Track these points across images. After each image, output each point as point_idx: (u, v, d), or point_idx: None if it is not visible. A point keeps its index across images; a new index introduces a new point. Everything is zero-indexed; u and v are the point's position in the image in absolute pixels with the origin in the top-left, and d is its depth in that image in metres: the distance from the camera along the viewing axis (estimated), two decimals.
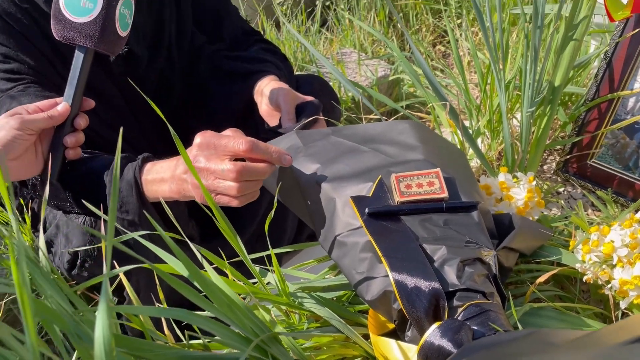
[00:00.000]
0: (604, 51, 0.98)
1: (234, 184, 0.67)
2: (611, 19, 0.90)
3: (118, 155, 0.43)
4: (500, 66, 0.88)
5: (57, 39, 0.78)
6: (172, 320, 0.56)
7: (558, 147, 1.08)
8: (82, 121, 0.80)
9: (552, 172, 1.09)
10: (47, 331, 0.37)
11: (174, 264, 0.48)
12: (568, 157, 1.04)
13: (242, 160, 0.69)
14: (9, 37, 0.88)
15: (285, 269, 0.74)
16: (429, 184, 0.69)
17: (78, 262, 0.90)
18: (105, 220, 0.79)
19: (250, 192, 0.70)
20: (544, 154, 1.11)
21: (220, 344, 0.53)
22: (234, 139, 0.67)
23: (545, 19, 1.13)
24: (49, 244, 0.91)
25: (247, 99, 1.08)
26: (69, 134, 0.80)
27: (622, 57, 0.97)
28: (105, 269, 0.34)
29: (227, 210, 0.68)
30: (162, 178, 0.76)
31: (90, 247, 0.89)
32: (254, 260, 0.75)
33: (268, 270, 0.70)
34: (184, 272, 0.45)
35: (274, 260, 0.64)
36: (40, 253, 0.44)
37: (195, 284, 0.44)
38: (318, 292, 0.70)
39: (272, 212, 0.64)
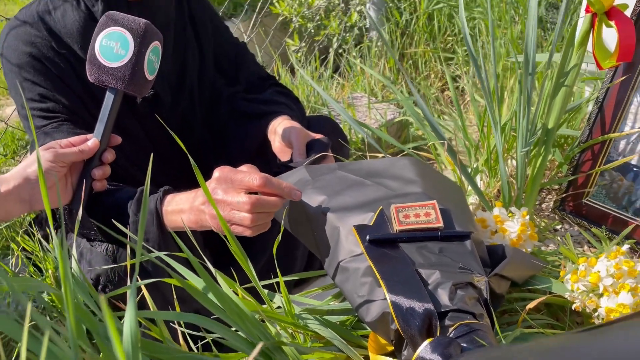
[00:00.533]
0: (595, 97, 1.04)
1: (248, 215, 0.73)
2: (600, 67, 0.98)
3: (147, 187, 0.49)
4: (496, 109, 0.94)
5: (91, 81, 0.86)
6: (186, 335, 0.62)
7: (555, 186, 1.13)
8: (110, 156, 0.88)
9: (550, 210, 1.14)
10: (90, 330, 0.43)
11: (195, 281, 0.54)
12: (564, 195, 1.10)
13: (256, 194, 0.75)
14: (46, 79, 0.97)
15: (292, 296, 0.79)
16: (425, 215, 0.74)
17: (99, 287, 0.96)
18: (127, 245, 0.85)
19: (263, 223, 0.77)
20: (543, 193, 1.16)
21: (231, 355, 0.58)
22: (249, 174, 0.74)
23: (541, 66, 1.20)
24: None
25: (262, 138, 1.16)
26: (97, 167, 0.87)
27: (613, 102, 1.04)
28: (128, 282, 0.41)
29: (240, 241, 0.74)
30: (181, 209, 0.82)
31: (111, 272, 0.95)
32: (264, 287, 0.80)
33: (276, 294, 0.76)
34: (201, 284, 0.51)
35: (281, 282, 0.69)
36: (73, 261, 0.50)
37: (211, 296, 0.50)
38: (322, 316, 0.75)
39: (280, 235, 0.69)
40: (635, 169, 1.03)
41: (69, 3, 0.98)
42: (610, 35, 0.98)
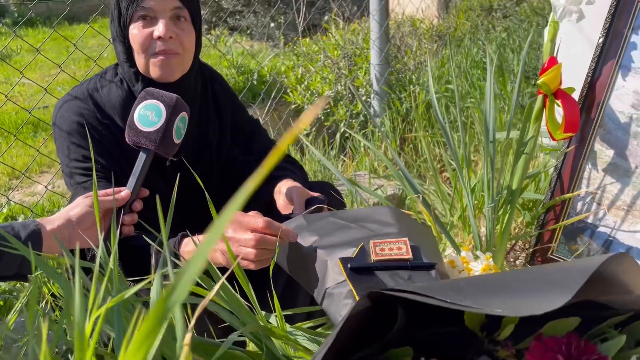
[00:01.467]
0: (554, 165, 1.22)
1: (253, 250, 0.90)
2: (553, 139, 1.16)
3: (165, 231, 0.67)
4: (465, 173, 1.12)
5: (128, 142, 1.05)
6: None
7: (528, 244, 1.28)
8: (138, 205, 1.06)
9: (522, 264, 1.28)
10: None
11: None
12: (533, 250, 1.24)
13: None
14: (90, 143, 1.16)
15: (289, 327, 0.93)
16: (398, 249, 0.90)
17: None
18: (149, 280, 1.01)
19: (265, 258, 0.93)
20: (517, 249, 1.31)
21: None
22: (255, 218, 0.92)
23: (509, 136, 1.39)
24: None
25: (269, 199, 1.34)
26: (127, 214, 1.05)
27: (569, 168, 1.21)
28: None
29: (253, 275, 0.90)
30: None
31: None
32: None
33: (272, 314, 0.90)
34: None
35: (276, 302, 0.84)
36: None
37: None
38: (311, 335, 0.89)
39: (273, 261, 0.86)
40: (591, 226, 1.19)
41: (114, 83, 1.20)
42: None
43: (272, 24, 4.17)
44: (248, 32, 4.43)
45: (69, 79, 3.62)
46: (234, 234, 0.92)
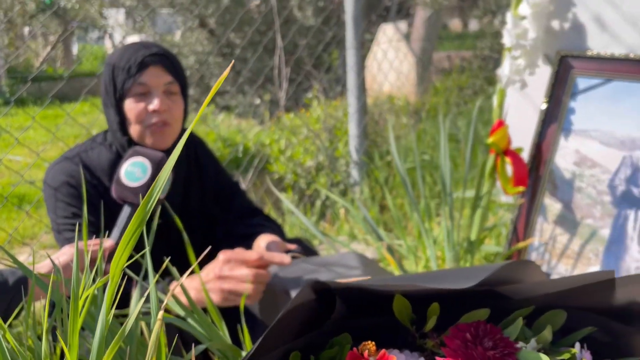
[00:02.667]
0: (509, 218, 1.33)
1: (251, 286, 0.98)
2: (506, 193, 1.28)
3: (152, 279, 0.76)
4: (428, 226, 1.23)
5: (114, 197, 1.14)
6: None
7: None
8: None
9: None
10: None
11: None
12: None
13: None
14: (78, 201, 1.25)
15: None
16: None
17: None
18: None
19: (258, 293, 1.01)
20: None
21: None
22: (248, 253, 1.01)
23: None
24: None
25: None
26: (108, 263, 1.12)
27: (523, 221, 1.32)
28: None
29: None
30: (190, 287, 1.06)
31: None
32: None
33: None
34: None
35: (246, 333, 0.91)
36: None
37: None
38: None
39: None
40: (544, 274, 1.28)
41: (104, 146, 1.30)
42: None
43: (257, 101, 4.40)
44: (236, 111, 4.66)
45: (56, 156, 3.75)
46: (230, 272, 1.00)
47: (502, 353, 0.50)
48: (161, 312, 0.44)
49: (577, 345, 0.57)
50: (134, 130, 1.22)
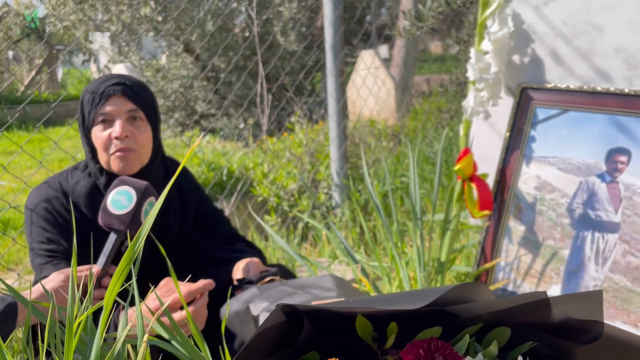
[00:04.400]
0: (478, 240, 1.41)
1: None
2: (472, 216, 1.36)
3: (139, 309, 0.82)
4: (400, 248, 1.30)
5: (101, 224, 1.19)
6: None
7: None
8: (107, 281, 1.18)
9: None
10: None
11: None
12: None
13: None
14: (54, 227, 1.28)
15: None
16: None
17: None
18: None
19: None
20: None
21: None
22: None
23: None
24: None
25: (228, 280, 1.47)
26: (96, 289, 1.17)
27: (490, 242, 1.40)
28: None
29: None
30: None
31: None
32: None
33: None
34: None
35: (227, 353, 0.97)
36: None
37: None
38: None
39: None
40: (509, 293, 1.36)
41: (83, 173, 1.35)
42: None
43: (242, 125, 4.48)
44: (221, 133, 4.73)
45: (41, 180, 3.77)
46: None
47: None
48: (146, 336, 0.50)
49: (520, 358, 0.64)
50: (102, 157, 1.27)
